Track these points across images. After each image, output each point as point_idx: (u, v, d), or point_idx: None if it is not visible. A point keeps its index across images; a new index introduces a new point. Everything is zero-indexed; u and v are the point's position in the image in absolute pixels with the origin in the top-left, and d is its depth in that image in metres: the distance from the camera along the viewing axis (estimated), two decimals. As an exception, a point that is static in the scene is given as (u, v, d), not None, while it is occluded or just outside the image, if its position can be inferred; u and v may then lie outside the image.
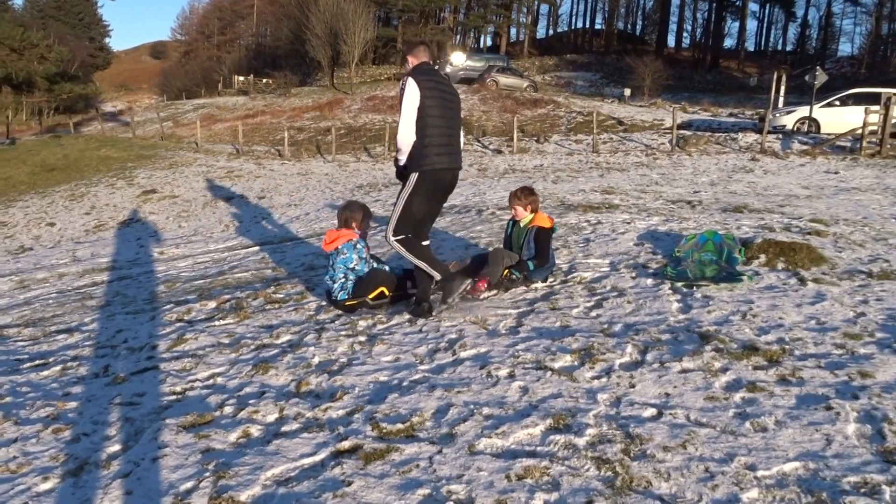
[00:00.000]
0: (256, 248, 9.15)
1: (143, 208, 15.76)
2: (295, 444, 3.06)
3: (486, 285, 5.13)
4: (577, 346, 3.93)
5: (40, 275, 8.98)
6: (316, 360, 4.09)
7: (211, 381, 3.92)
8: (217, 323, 5.10)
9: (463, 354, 3.97)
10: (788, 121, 19.97)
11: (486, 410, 3.22)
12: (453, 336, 4.26)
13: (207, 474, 2.85)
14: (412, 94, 4.37)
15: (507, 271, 5.21)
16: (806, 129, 19.82)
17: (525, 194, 5.40)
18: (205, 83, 63.10)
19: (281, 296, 5.70)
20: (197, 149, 25.59)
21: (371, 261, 5.20)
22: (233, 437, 3.19)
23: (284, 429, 3.23)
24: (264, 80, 53.53)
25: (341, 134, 27.47)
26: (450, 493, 2.57)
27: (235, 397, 3.65)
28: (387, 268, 5.29)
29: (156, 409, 3.58)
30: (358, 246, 5.06)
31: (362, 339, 4.40)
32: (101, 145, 25.90)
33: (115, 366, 4.38)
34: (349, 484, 2.69)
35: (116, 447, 3.21)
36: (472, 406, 3.28)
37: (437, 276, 4.73)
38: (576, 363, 3.70)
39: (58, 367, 4.43)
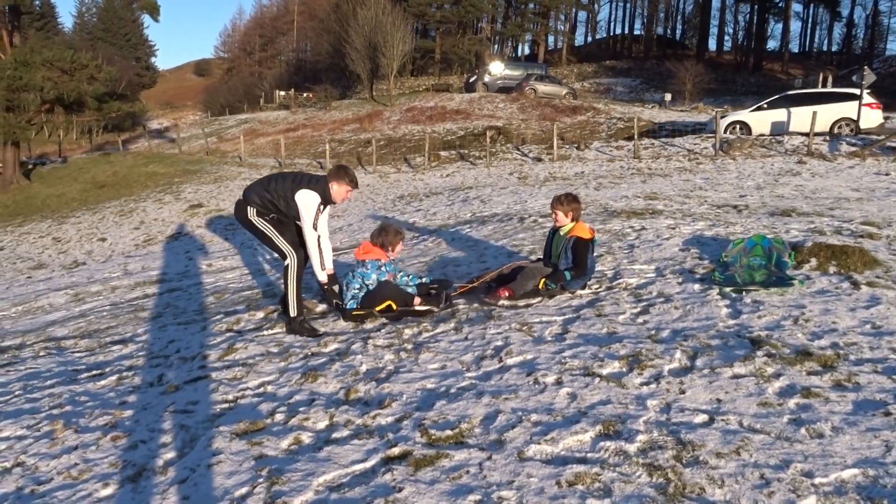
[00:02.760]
0: (301, 259, 9.27)
1: (191, 222, 16.09)
2: (345, 451, 3.09)
3: (507, 294, 5.18)
4: (624, 352, 3.90)
5: (94, 288, 9.23)
6: (363, 367, 4.13)
7: (261, 390, 3.99)
8: (266, 332, 5.19)
9: (509, 361, 3.97)
10: (721, 125, 20.54)
11: (534, 417, 3.22)
12: (499, 343, 4.26)
13: (261, 480, 2.90)
14: None
15: (542, 281, 5.22)
16: (738, 132, 20.41)
17: (569, 200, 5.38)
18: (247, 99, 64.26)
19: (326, 306, 5.76)
20: (241, 163, 26.06)
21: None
22: (284, 443, 3.24)
23: (335, 435, 3.28)
24: (305, 95, 54.33)
25: (381, 145, 27.72)
26: (501, 499, 2.58)
27: (286, 405, 3.71)
28: (410, 286, 5.38)
29: (209, 417, 3.65)
30: (382, 269, 5.20)
31: (408, 347, 4.43)
32: (149, 162, 26.55)
33: (168, 375, 4.49)
34: (400, 490, 2.71)
35: (172, 454, 3.29)
36: (520, 413, 3.28)
37: None
38: (624, 369, 3.67)
39: (114, 377, 4.55)
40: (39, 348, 5.81)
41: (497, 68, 43.51)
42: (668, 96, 39.97)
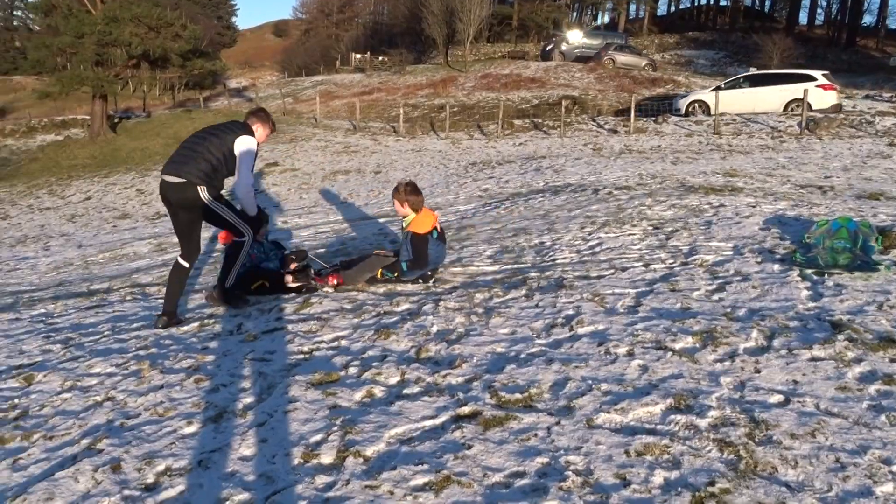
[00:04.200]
0: (373, 220, 9.41)
1: (266, 180, 16.47)
2: (416, 407, 3.17)
3: (334, 281, 5.34)
4: (698, 328, 3.84)
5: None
6: (434, 328, 4.20)
7: (335, 344, 4.11)
8: (339, 289, 5.31)
9: (580, 331, 3.97)
10: (682, 104, 21.73)
11: (604, 386, 3.22)
12: (570, 312, 4.26)
13: (335, 429, 3.01)
14: None
15: (379, 272, 5.35)
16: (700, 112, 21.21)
17: (406, 191, 5.30)
18: (323, 60, 64.77)
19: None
20: (316, 124, 26.41)
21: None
22: (357, 396, 3.35)
23: (406, 391, 3.36)
24: (380, 58, 54.42)
25: (455, 111, 27.62)
26: (568, 464, 2.61)
27: (359, 359, 3.81)
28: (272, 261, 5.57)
29: (286, 367, 3.79)
30: None
31: (479, 311, 4.47)
32: (228, 119, 27.15)
33: (246, 325, 4.66)
34: (469, 447, 2.77)
35: (251, 399, 3.44)
36: (590, 381, 3.29)
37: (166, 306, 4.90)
38: (697, 345, 3.63)
39: (196, 324, 4.76)
40: (126, 293, 6.11)
41: (575, 37, 42.58)
42: (752, 70, 38.43)
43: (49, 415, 3.43)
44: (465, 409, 3.10)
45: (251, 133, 4.81)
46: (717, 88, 21.26)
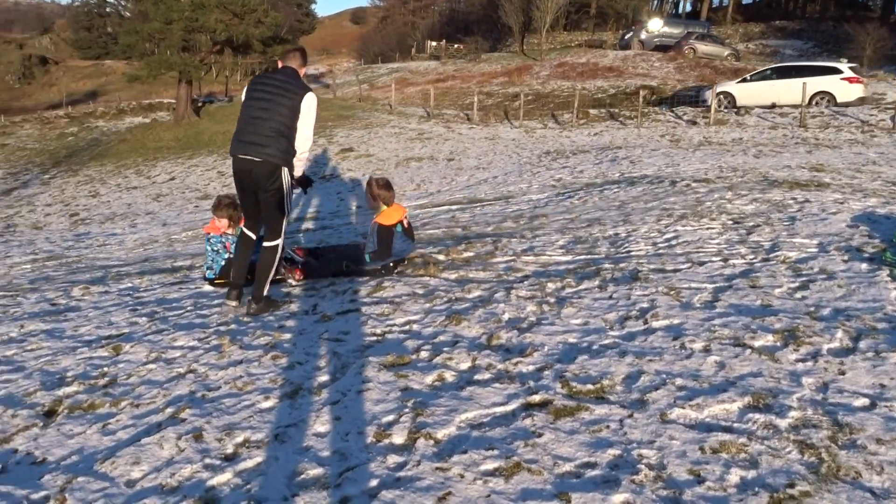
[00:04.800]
0: (446, 207, 9.45)
1: (342, 165, 16.74)
2: (487, 393, 3.19)
3: (299, 275, 5.46)
4: (779, 326, 3.73)
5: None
6: (506, 316, 4.20)
7: (407, 327, 4.16)
8: (411, 274, 5.37)
9: (655, 324, 3.90)
10: (709, 96, 21.07)
11: (679, 381, 3.17)
12: (645, 305, 4.19)
13: (406, 411, 3.06)
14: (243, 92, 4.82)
15: (344, 263, 5.45)
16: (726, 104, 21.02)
17: (379, 186, 5.43)
18: (399, 48, 65.23)
19: (471, 254, 5.87)
20: (391, 111, 26.65)
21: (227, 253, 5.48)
22: (429, 379, 3.38)
23: (477, 377, 3.38)
24: (455, 46, 54.40)
25: (529, 100, 27.40)
26: (641, 457, 2.58)
27: (430, 344, 3.85)
28: None
29: (359, 347, 3.86)
30: (212, 241, 5.49)
31: (551, 300, 4.44)
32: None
33: (321, 305, 4.77)
34: (539, 435, 2.77)
35: (326, 377, 3.52)
36: (664, 375, 3.24)
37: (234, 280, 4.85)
38: (778, 343, 3.52)
39: (273, 303, 4.88)
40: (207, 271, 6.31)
41: (655, 25, 41.52)
42: (843, 62, 36.73)
43: (135, 384, 3.59)
44: (536, 398, 3.10)
45: (307, 85, 4.72)
46: (743, 80, 21.36)
